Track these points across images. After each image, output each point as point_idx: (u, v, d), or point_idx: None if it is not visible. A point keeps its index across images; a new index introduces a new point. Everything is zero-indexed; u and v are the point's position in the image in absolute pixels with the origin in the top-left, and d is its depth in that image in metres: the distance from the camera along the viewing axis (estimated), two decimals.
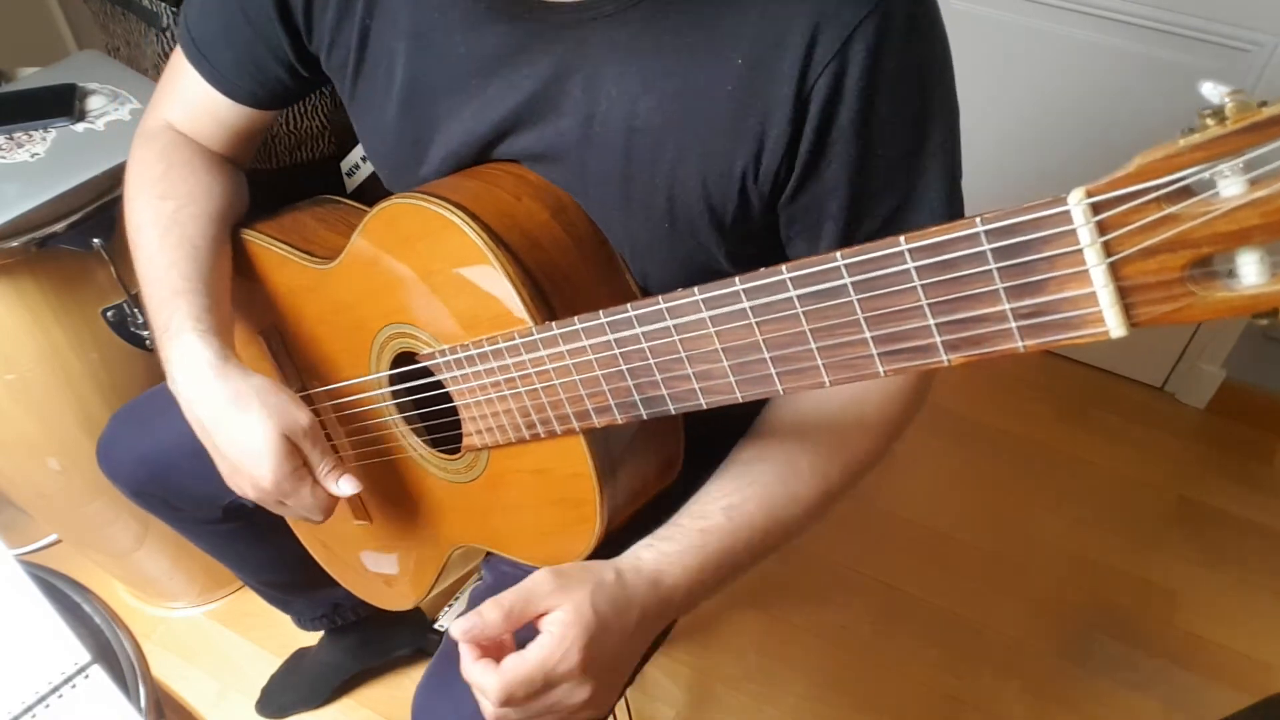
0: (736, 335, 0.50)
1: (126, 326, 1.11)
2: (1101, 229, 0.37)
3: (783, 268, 0.46)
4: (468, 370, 0.66)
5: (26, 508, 1.35)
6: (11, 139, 1.07)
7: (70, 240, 1.00)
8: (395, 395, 0.76)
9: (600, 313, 0.55)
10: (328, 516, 0.71)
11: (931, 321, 0.42)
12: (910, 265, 0.42)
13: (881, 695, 1.40)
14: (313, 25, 0.71)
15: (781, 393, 0.50)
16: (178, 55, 0.79)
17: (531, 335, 0.59)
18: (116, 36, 1.62)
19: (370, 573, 0.95)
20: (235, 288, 0.83)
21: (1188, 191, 0.35)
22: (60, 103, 1.10)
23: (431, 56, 0.67)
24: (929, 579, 1.54)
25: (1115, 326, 0.38)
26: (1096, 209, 0.36)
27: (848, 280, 0.44)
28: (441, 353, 0.67)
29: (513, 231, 0.63)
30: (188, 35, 0.77)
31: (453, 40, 0.65)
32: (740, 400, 0.52)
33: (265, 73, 0.76)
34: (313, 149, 1.66)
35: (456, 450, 0.74)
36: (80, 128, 1.09)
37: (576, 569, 0.61)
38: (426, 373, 0.70)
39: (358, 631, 1.29)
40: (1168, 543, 1.60)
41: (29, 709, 0.60)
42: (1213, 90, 0.35)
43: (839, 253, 0.44)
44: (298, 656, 1.37)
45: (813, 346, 0.47)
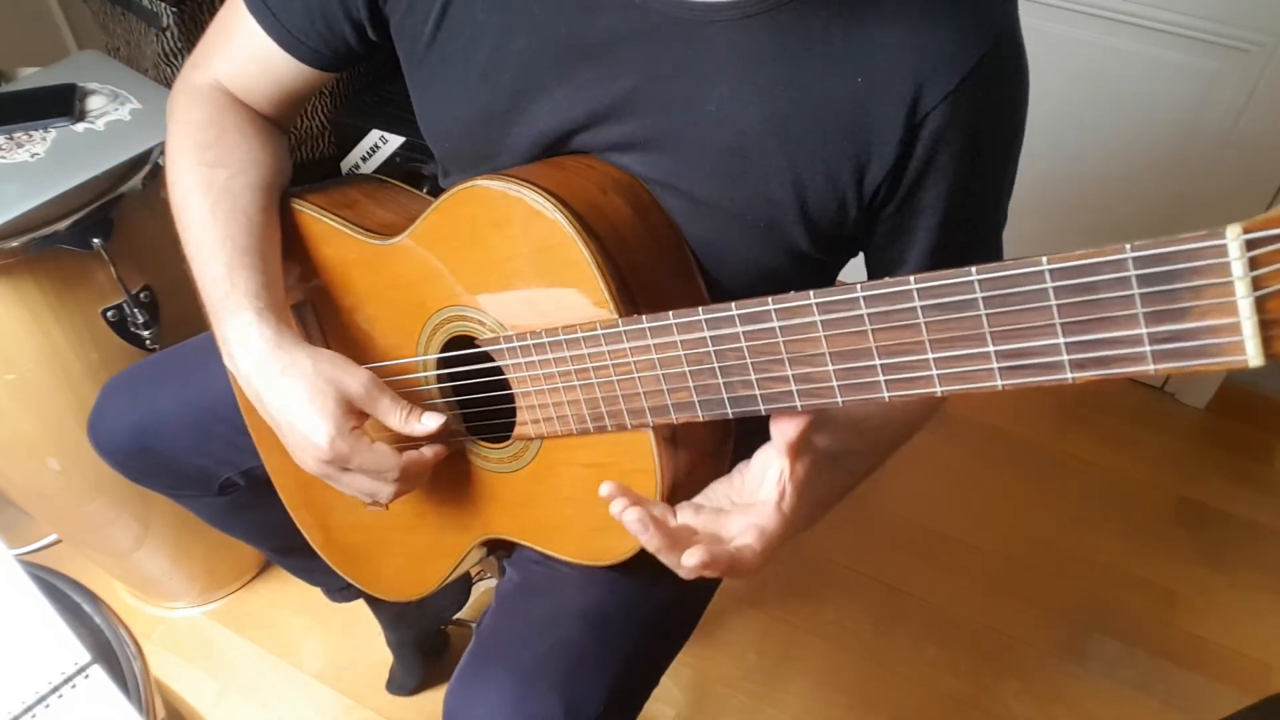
0: (848, 341, 0.50)
1: (126, 326, 1.11)
2: (1253, 264, 0.38)
3: (910, 279, 0.47)
4: (535, 358, 0.65)
5: (26, 508, 1.35)
6: (11, 139, 1.07)
7: (70, 240, 1.00)
8: (441, 379, 0.75)
9: (699, 309, 0.55)
10: (404, 480, 0.70)
11: (1062, 340, 0.44)
12: (1049, 285, 0.43)
13: (881, 695, 1.40)
14: None
15: (886, 399, 0.50)
16: (232, 7, 0.76)
17: (616, 326, 0.59)
18: (116, 36, 1.62)
19: (373, 560, 0.94)
20: None
21: None
22: (60, 103, 1.10)
23: (527, 32, 0.66)
24: (929, 579, 1.54)
25: (1254, 356, 0.39)
26: (1251, 245, 0.38)
27: (980, 295, 0.45)
28: (507, 339, 0.67)
29: (601, 223, 0.63)
30: None
31: (555, 19, 0.65)
32: (840, 405, 0.52)
33: (334, 31, 0.74)
34: (313, 149, 1.67)
35: (500, 439, 0.73)
36: (80, 128, 1.09)
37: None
38: (480, 358, 0.70)
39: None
40: (1168, 543, 1.60)
41: (29, 709, 0.60)
42: None
43: (974, 269, 0.45)
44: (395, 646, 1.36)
45: (930, 357, 0.48)
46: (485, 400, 0.74)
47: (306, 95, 0.82)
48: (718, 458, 0.71)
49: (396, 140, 1.61)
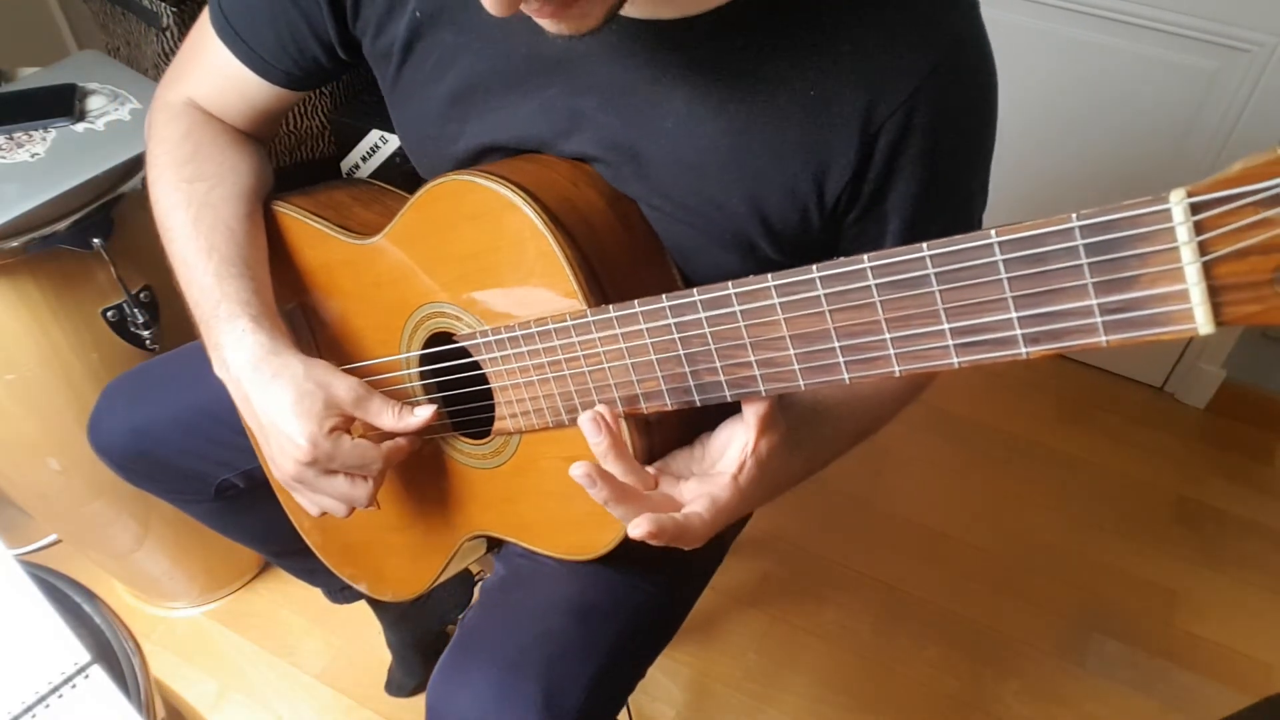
0: (807, 323, 0.50)
1: (126, 326, 1.11)
2: (1199, 228, 0.38)
3: (864, 257, 0.47)
4: (509, 352, 0.66)
5: (26, 508, 1.35)
6: (11, 139, 1.07)
7: (70, 240, 1.00)
8: (424, 376, 0.76)
9: (663, 296, 0.55)
10: (374, 480, 0.70)
11: (1015, 314, 0.43)
12: (999, 258, 0.42)
13: (881, 695, 1.40)
14: (360, 8, 0.71)
15: (847, 381, 0.50)
16: (202, 30, 0.77)
17: (585, 317, 0.59)
18: (116, 36, 1.62)
19: (369, 560, 0.95)
20: None
21: (1279, 199, 0.36)
22: (60, 103, 1.10)
23: (490, 53, 0.67)
24: (929, 579, 1.54)
25: (1204, 324, 0.39)
26: (1196, 209, 0.37)
27: (931, 271, 0.45)
28: (483, 333, 0.67)
29: (571, 215, 0.63)
30: (220, 13, 0.76)
31: (514, 40, 0.66)
32: (802, 389, 0.53)
33: (304, 54, 0.76)
34: (313, 149, 1.66)
35: (482, 435, 0.73)
36: (80, 128, 1.09)
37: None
38: (459, 354, 0.70)
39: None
40: (1168, 543, 1.60)
41: (29, 709, 0.60)
42: None
43: (925, 245, 0.44)
44: (395, 647, 1.36)
45: (886, 336, 0.48)
46: (466, 396, 0.74)
47: (282, 111, 0.83)
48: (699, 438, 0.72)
49: (396, 140, 1.61)
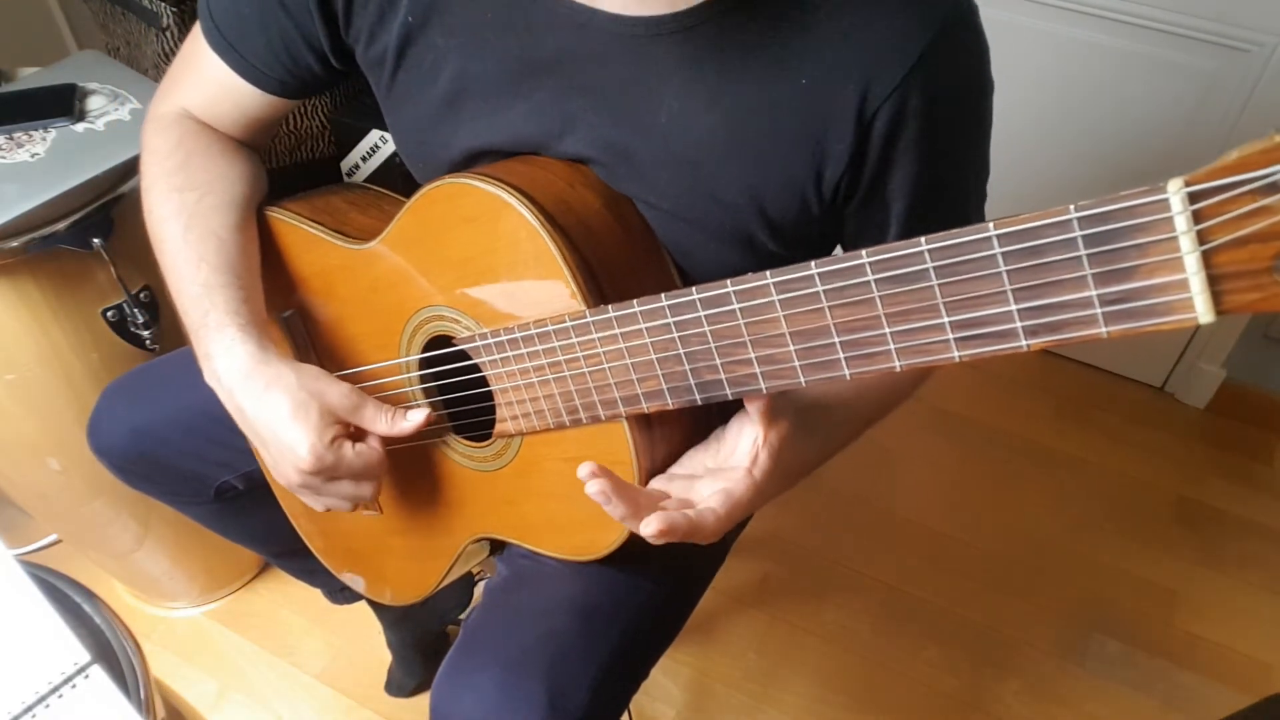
0: (806, 320, 0.50)
1: (126, 326, 1.11)
2: (1197, 217, 0.37)
3: (862, 253, 0.46)
4: (509, 354, 0.66)
5: (26, 508, 1.35)
6: (11, 139, 1.07)
7: (70, 240, 1.00)
8: (424, 380, 0.75)
9: (662, 295, 0.55)
10: (378, 479, 0.72)
11: (1014, 307, 0.43)
12: (997, 251, 0.42)
13: (881, 695, 1.40)
14: (352, 16, 0.71)
15: (848, 377, 0.50)
16: (195, 40, 0.78)
17: (584, 318, 0.59)
18: (116, 36, 1.62)
19: (373, 565, 0.95)
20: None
21: (1278, 186, 0.36)
22: (60, 103, 1.10)
23: (483, 56, 0.67)
24: (928, 579, 1.54)
25: (1204, 313, 0.39)
26: (1194, 198, 0.37)
27: (930, 265, 0.45)
28: (482, 336, 0.67)
29: (568, 216, 0.63)
30: (211, 22, 0.76)
31: (507, 41, 0.66)
32: (803, 385, 0.53)
33: (297, 62, 0.76)
34: (313, 149, 1.66)
35: (483, 438, 0.73)
36: (80, 128, 1.09)
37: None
38: (459, 357, 0.70)
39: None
40: (1168, 543, 1.60)
41: (29, 709, 0.60)
42: None
43: (924, 239, 0.44)
44: (395, 647, 1.36)
45: (886, 331, 0.47)
46: (467, 399, 0.74)
47: (277, 119, 0.83)
48: (698, 437, 0.71)
49: None
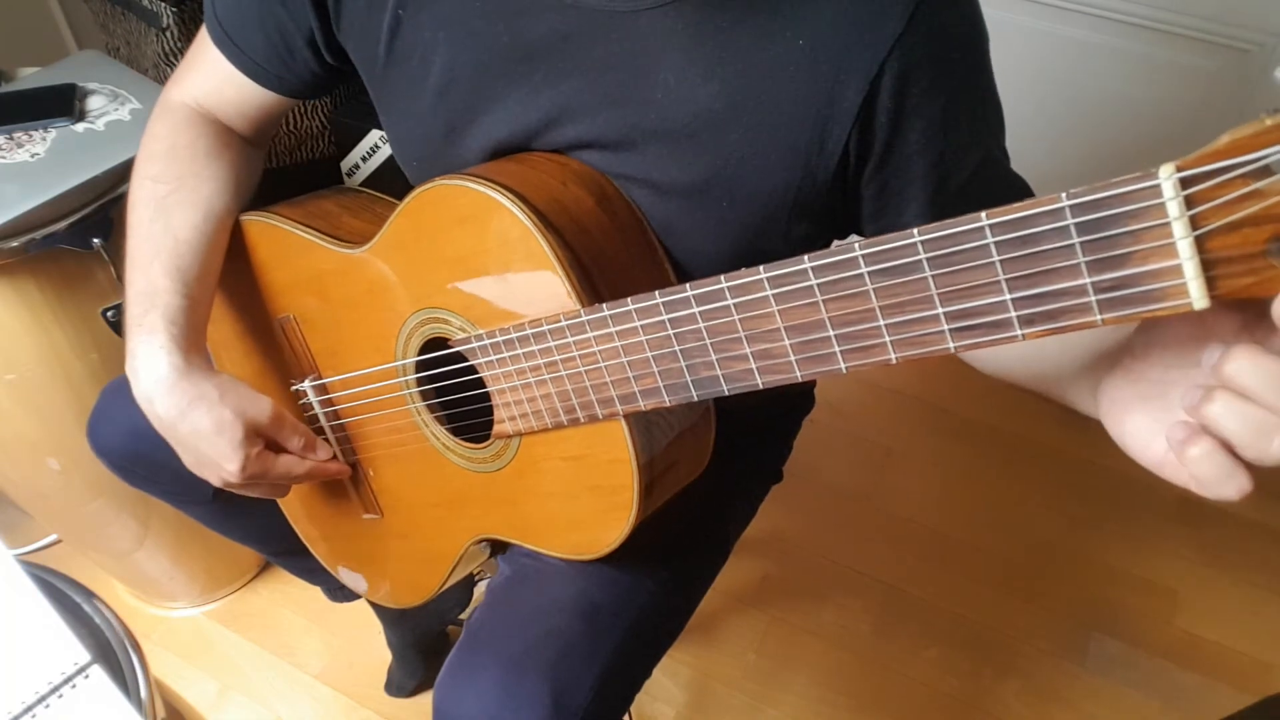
0: (801, 314, 0.50)
1: (124, 324, 1.11)
2: (1189, 203, 0.37)
3: (855, 245, 0.46)
4: (505, 355, 0.66)
5: (26, 508, 1.35)
6: (11, 139, 1.07)
7: (70, 240, 1.00)
8: (420, 382, 0.76)
9: (656, 293, 0.55)
10: (290, 486, 0.80)
11: (1008, 296, 0.43)
12: (990, 240, 0.42)
13: (881, 695, 1.40)
14: (342, 8, 0.71)
15: (844, 371, 0.50)
16: (204, 31, 0.78)
17: (579, 317, 0.59)
18: (116, 36, 1.62)
19: (375, 568, 0.95)
20: (251, 273, 0.83)
21: (1270, 170, 0.36)
22: (60, 103, 1.10)
23: (473, 44, 0.67)
24: (928, 579, 1.54)
25: (1198, 299, 0.38)
26: (1185, 183, 0.37)
27: (924, 256, 0.44)
28: (478, 337, 0.67)
29: (561, 216, 0.63)
30: (214, 17, 0.76)
31: (496, 28, 0.65)
32: (800, 380, 0.52)
33: (294, 56, 0.76)
34: (313, 149, 1.66)
35: (481, 439, 0.73)
36: (80, 128, 1.09)
37: None
38: (455, 359, 0.70)
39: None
40: (1168, 543, 1.60)
41: (29, 709, 0.60)
42: None
43: (916, 230, 0.44)
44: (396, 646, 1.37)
45: (881, 324, 0.47)
46: (464, 400, 0.74)
47: (278, 115, 0.84)
48: (695, 447, 0.71)
49: None
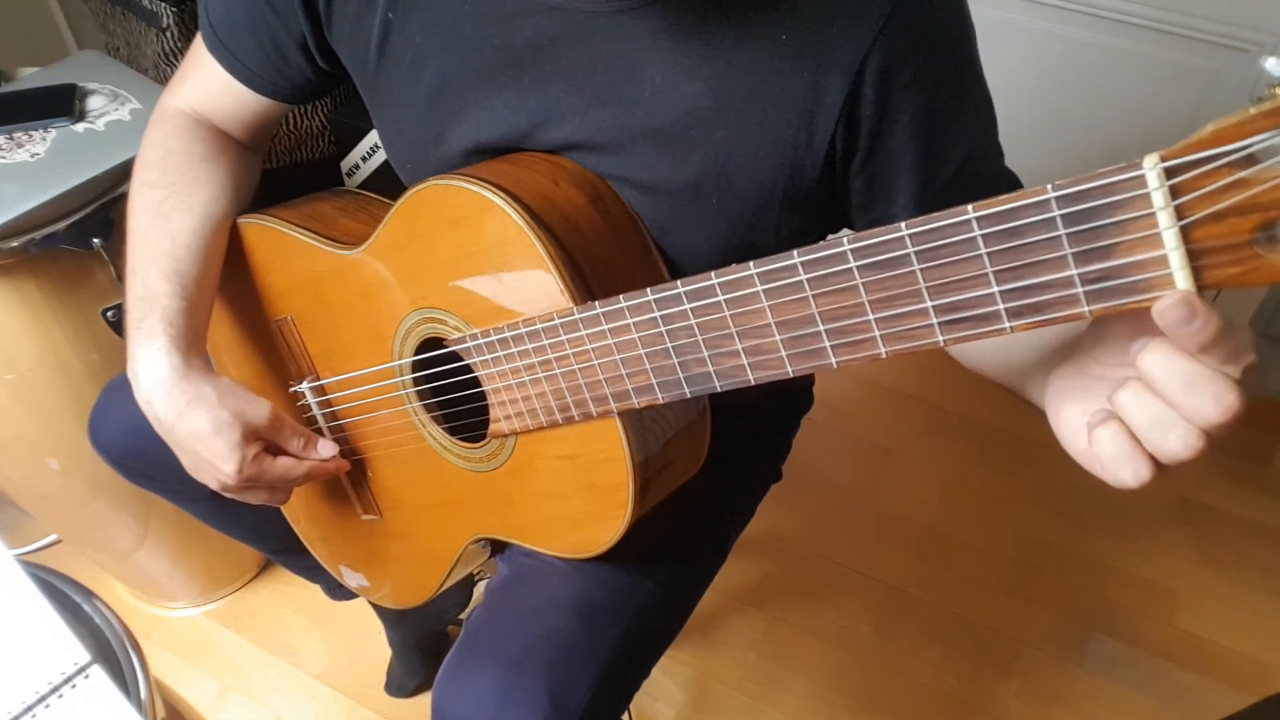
0: (791, 309, 0.50)
1: (124, 326, 1.11)
2: (1174, 193, 0.37)
3: (843, 240, 0.46)
4: (500, 354, 0.66)
5: (26, 508, 1.35)
6: (11, 139, 1.07)
7: (70, 240, 1.01)
8: (416, 383, 0.76)
9: (647, 290, 0.55)
10: (290, 489, 0.78)
11: (996, 289, 0.43)
12: (977, 233, 0.42)
13: (881, 695, 1.40)
14: (333, 14, 0.71)
15: (835, 365, 0.50)
16: (199, 39, 0.79)
17: (572, 315, 0.60)
18: (116, 36, 1.62)
19: (374, 569, 0.95)
20: (248, 275, 0.83)
21: (1255, 159, 0.36)
22: (60, 103, 1.10)
23: (462, 48, 0.67)
24: (928, 579, 1.54)
25: (1185, 288, 0.39)
26: (1170, 173, 0.37)
27: (911, 250, 0.44)
28: (473, 336, 0.67)
29: (553, 214, 0.63)
30: (208, 23, 0.77)
31: (485, 32, 0.66)
32: (790, 375, 0.52)
33: (287, 62, 0.76)
34: (313, 149, 1.66)
35: (478, 438, 0.74)
36: (80, 128, 1.09)
37: None
38: (451, 358, 0.70)
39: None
40: (1168, 543, 1.60)
41: (29, 709, 0.60)
42: (1276, 65, 0.36)
43: (903, 224, 0.44)
44: (396, 645, 1.37)
45: (870, 318, 0.47)
46: (460, 400, 0.74)
47: (275, 120, 0.84)
48: (691, 446, 0.71)
49: None
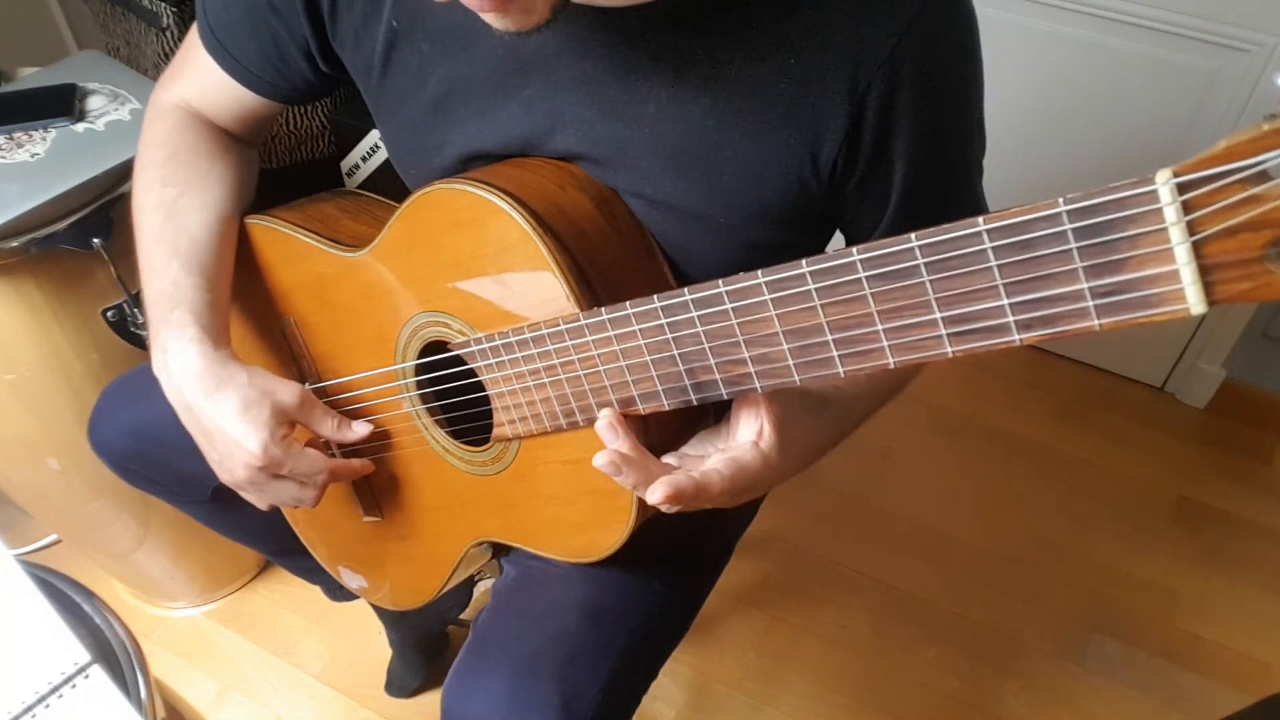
0: (799, 318, 0.50)
1: (126, 326, 1.11)
2: (1187, 208, 0.37)
3: (853, 251, 0.46)
4: (505, 358, 0.66)
5: (26, 508, 1.35)
6: (11, 139, 1.07)
7: (70, 240, 1.00)
8: (420, 386, 0.76)
9: (654, 297, 0.55)
10: (322, 485, 0.75)
11: (1006, 301, 0.43)
12: (988, 245, 0.42)
13: (881, 695, 1.40)
14: (338, 19, 0.71)
15: (842, 374, 0.50)
16: (195, 33, 0.78)
17: (578, 321, 0.59)
18: (116, 36, 1.62)
19: (375, 571, 0.95)
20: (252, 276, 0.83)
21: (1267, 175, 0.36)
22: (60, 103, 1.10)
23: (468, 57, 0.67)
24: (928, 579, 1.54)
25: (1196, 303, 0.38)
26: (1183, 189, 0.37)
27: (921, 261, 0.44)
28: (477, 341, 0.67)
29: (559, 219, 0.63)
30: (206, 24, 0.76)
31: (491, 41, 0.65)
32: (797, 383, 0.52)
33: (288, 64, 0.76)
34: (313, 149, 1.66)
35: (481, 442, 0.74)
36: (80, 128, 1.09)
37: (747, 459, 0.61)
38: (455, 362, 0.70)
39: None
40: (1168, 543, 1.60)
41: (29, 709, 0.60)
42: None
43: (913, 235, 0.44)
44: (397, 645, 1.37)
45: (879, 328, 0.47)
46: (464, 404, 0.74)
47: (271, 118, 0.84)
48: (697, 433, 0.71)
49: None
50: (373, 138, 1.61)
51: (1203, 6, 1.43)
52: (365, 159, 1.64)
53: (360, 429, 0.76)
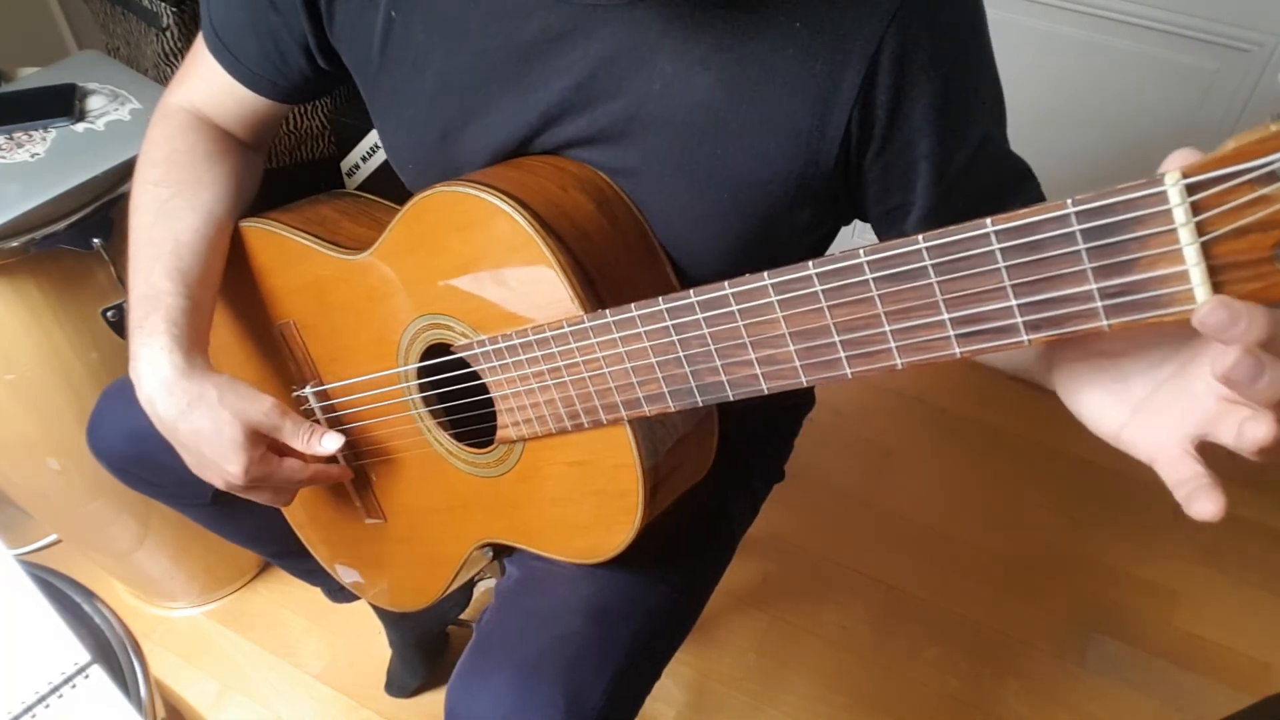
0: (805, 319, 0.50)
1: (126, 326, 1.11)
2: (1196, 209, 0.37)
3: (860, 251, 0.46)
4: (508, 360, 0.66)
5: (26, 508, 1.35)
6: (11, 139, 1.07)
7: (70, 240, 1.00)
8: (423, 388, 0.76)
9: (659, 298, 0.55)
10: (296, 490, 0.78)
11: (1014, 302, 0.43)
12: (995, 247, 0.42)
13: (881, 695, 1.40)
14: (335, 13, 0.71)
15: (849, 376, 0.50)
16: (201, 39, 0.79)
17: (583, 323, 0.59)
18: (116, 36, 1.62)
19: (378, 573, 0.95)
20: (250, 280, 0.83)
21: (1276, 175, 0.36)
22: (60, 103, 1.10)
23: (466, 46, 0.66)
24: (929, 579, 1.54)
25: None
26: (1191, 189, 0.37)
27: (929, 262, 0.44)
28: (480, 343, 0.67)
29: (562, 221, 0.63)
30: (209, 24, 0.76)
31: (488, 29, 0.65)
32: (804, 385, 0.52)
33: (288, 62, 0.76)
34: (313, 149, 1.66)
35: (484, 444, 0.73)
36: (80, 128, 1.09)
37: None
38: (458, 365, 0.70)
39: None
40: (1168, 543, 1.60)
41: (29, 709, 0.60)
42: None
43: (920, 236, 0.44)
44: (397, 645, 1.37)
45: (886, 329, 0.47)
46: (467, 406, 0.74)
47: (276, 119, 0.84)
48: (700, 436, 0.71)
49: None
50: (373, 137, 1.61)
51: (1203, 6, 1.43)
52: (365, 159, 1.64)
53: (330, 443, 0.74)
